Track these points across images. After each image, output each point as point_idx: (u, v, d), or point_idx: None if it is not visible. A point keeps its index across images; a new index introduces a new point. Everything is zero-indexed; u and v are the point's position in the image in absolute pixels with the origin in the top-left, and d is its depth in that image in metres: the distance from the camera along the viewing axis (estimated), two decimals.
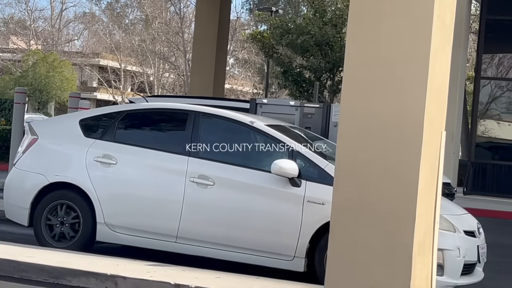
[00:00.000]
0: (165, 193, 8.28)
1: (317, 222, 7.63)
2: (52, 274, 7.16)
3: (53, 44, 59.05)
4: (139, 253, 8.42)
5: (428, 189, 6.36)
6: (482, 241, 8.18)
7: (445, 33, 6.48)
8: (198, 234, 8.10)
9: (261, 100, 12.10)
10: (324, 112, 11.49)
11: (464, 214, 8.40)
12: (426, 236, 6.40)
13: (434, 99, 6.33)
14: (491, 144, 23.24)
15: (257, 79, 54.48)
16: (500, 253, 10.97)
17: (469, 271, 7.91)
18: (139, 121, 8.97)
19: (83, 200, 8.49)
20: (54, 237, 8.58)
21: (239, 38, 50.56)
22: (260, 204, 7.92)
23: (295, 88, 29.65)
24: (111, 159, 8.51)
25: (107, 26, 61.13)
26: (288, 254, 7.78)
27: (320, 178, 7.77)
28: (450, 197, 12.52)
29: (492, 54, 22.97)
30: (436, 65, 6.30)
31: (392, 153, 6.21)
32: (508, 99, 22.80)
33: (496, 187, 21.31)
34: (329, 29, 27.45)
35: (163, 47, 54.09)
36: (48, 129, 9.19)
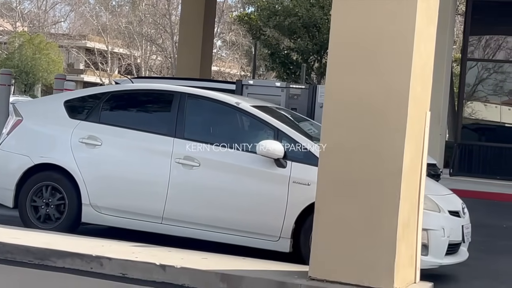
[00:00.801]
0: (150, 174, 8.27)
1: (303, 203, 7.64)
2: (37, 255, 7.15)
3: (39, 26, 58.75)
4: (125, 235, 8.42)
5: (412, 169, 6.37)
6: (467, 221, 8.21)
7: (430, 13, 6.48)
8: (184, 215, 8.10)
9: (247, 82, 12.08)
10: (310, 93, 11.49)
11: (449, 194, 8.43)
12: (410, 216, 6.42)
13: (418, 79, 6.33)
14: (478, 125, 23.30)
15: (244, 61, 54.35)
16: (485, 233, 11.03)
17: (453, 251, 7.95)
18: (125, 102, 8.94)
19: (68, 182, 8.48)
20: (39, 219, 8.56)
21: (226, 20, 50.42)
22: (246, 185, 7.92)
23: (282, 70, 29.63)
24: (96, 140, 8.49)
25: (94, 8, 60.84)
26: (273, 235, 7.80)
27: (306, 159, 7.77)
28: (435, 178, 12.55)
29: (479, 35, 22.97)
30: (420, 45, 6.30)
31: (377, 133, 6.22)
32: (494, 80, 22.84)
33: (482, 168, 21.39)
34: (316, 11, 27.42)
35: (150, 29, 53.89)
36: (33, 110, 9.16)
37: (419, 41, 6.25)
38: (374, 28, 6.26)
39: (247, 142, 8.08)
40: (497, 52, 22.93)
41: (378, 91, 6.21)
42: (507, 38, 22.84)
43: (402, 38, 6.19)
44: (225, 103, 8.37)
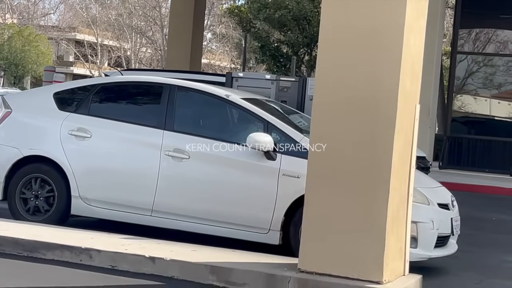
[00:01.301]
0: (140, 167, 8.26)
1: (292, 195, 7.64)
2: (26, 247, 7.15)
3: (28, 18, 58.50)
4: (114, 227, 8.41)
5: (402, 161, 6.39)
6: (456, 214, 8.24)
7: (420, 6, 6.49)
8: (173, 208, 8.10)
9: (237, 74, 12.07)
10: (300, 86, 11.48)
11: (438, 187, 8.45)
12: (400, 209, 6.44)
13: (408, 72, 6.35)
14: (467, 119, 23.38)
15: (234, 54, 54.31)
16: (474, 226, 11.07)
17: (442, 244, 7.97)
18: (114, 94, 8.92)
19: (58, 174, 8.46)
20: (29, 211, 8.54)
21: (216, 12, 50.31)
22: (236, 177, 7.92)
23: (272, 63, 29.60)
24: (86, 132, 8.47)
25: (84, 0, 60.57)
26: (263, 227, 7.80)
27: (295, 152, 7.77)
28: (425, 170, 12.60)
29: (469, 29, 23.03)
30: (410, 38, 6.31)
31: (367, 126, 6.23)
32: (484, 74, 22.90)
33: (472, 161, 21.47)
34: (306, 4, 27.39)
35: (140, 21, 53.75)
36: (22, 102, 9.13)
37: (408, 34, 6.26)
38: (364, 22, 6.26)
39: (237, 135, 8.09)
40: (487, 45, 22.99)
41: (368, 84, 6.22)
42: (497, 32, 22.91)
43: (391, 31, 6.20)
44: (215, 95, 8.36)
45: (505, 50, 22.66)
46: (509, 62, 22.51)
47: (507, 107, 23.22)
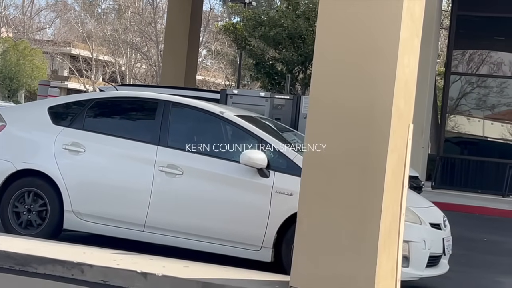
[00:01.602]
0: (133, 182, 8.27)
1: (285, 213, 7.66)
2: (18, 261, 7.13)
3: (24, 32, 58.55)
4: (107, 242, 8.40)
5: (395, 181, 6.41)
6: (448, 234, 8.26)
7: (414, 26, 6.52)
8: (166, 224, 8.10)
9: (232, 91, 12.11)
10: (294, 103, 11.53)
11: (430, 206, 8.48)
12: (392, 227, 6.45)
13: (402, 92, 6.37)
14: (460, 139, 23.44)
15: (229, 71, 54.41)
16: (465, 246, 11.09)
17: (434, 263, 7.99)
18: (109, 109, 8.93)
19: (51, 188, 8.46)
20: (21, 225, 8.54)
21: (212, 29, 50.44)
22: (229, 194, 7.93)
23: (267, 80, 29.63)
24: (80, 147, 8.48)
25: (79, 15, 60.66)
26: (255, 244, 7.81)
27: (289, 169, 7.79)
28: (417, 190, 12.62)
29: (463, 50, 23.14)
30: (404, 58, 6.34)
31: (360, 145, 6.25)
32: (478, 95, 22.98)
33: (464, 182, 21.51)
34: (302, 22, 27.47)
35: (135, 37, 53.83)
36: (16, 116, 9.14)
37: (403, 54, 6.29)
38: (358, 41, 6.29)
39: (230, 151, 8.10)
40: (480, 66, 23.09)
41: (362, 103, 6.24)
42: (490, 53, 23.02)
43: (386, 51, 6.23)
44: (209, 112, 8.40)
45: (498, 72, 22.76)
46: (503, 83, 22.61)
47: (500, 128, 23.29)
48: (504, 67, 22.72)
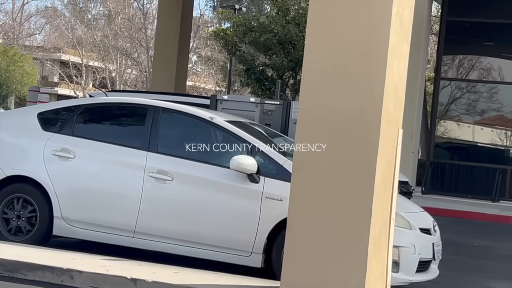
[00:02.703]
0: (123, 188, 8.25)
1: (275, 218, 7.65)
2: (7, 267, 7.11)
3: (14, 38, 58.41)
4: (96, 248, 8.38)
5: (384, 186, 6.42)
6: (438, 239, 8.27)
7: (403, 31, 6.54)
8: (156, 229, 8.08)
9: (222, 97, 12.11)
10: (284, 109, 11.54)
11: (420, 212, 8.49)
12: (382, 233, 6.45)
13: (391, 97, 6.39)
14: (450, 144, 23.50)
15: (219, 77, 54.42)
16: (455, 251, 11.10)
17: (424, 268, 7.99)
18: (98, 115, 8.92)
19: (40, 194, 8.43)
20: (11, 231, 8.50)
21: (202, 35, 50.45)
22: (219, 199, 7.92)
23: (257, 86, 29.65)
24: (69, 153, 8.46)
25: (69, 21, 60.55)
26: (245, 250, 7.80)
27: (279, 175, 7.79)
28: (407, 195, 12.65)
29: (452, 55, 23.21)
30: (393, 63, 6.36)
31: (350, 150, 6.26)
32: (467, 100, 23.05)
33: (454, 187, 21.56)
34: (292, 28, 27.51)
35: (125, 43, 53.78)
36: (6, 122, 9.10)
37: (392, 59, 6.31)
38: (348, 46, 6.31)
39: (220, 157, 8.10)
40: (470, 72, 23.16)
41: (351, 108, 6.26)
42: (480, 58, 23.10)
43: (375, 56, 6.24)
44: (199, 117, 8.39)
45: (488, 77, 22.83)
46: (492, 89, 22.68)
47: (489, 133, 23.36)
48: (494, 72, 22.80)
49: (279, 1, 29.01)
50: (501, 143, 23.01)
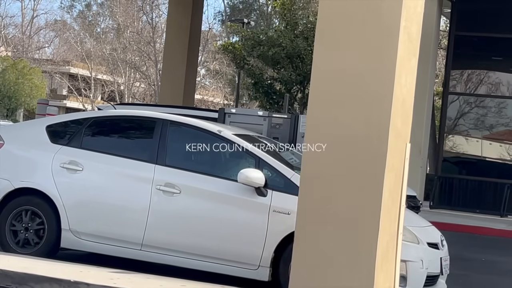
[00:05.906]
0: (131, 201, 8.26)
1: (283, 232, 7.65)
2: (15, 279, 7.11)
3: (23, 51, 58.65)
4: (104, 261, 8.38)
5: (392, 200, 6.41)
6: (445, 253, 8.25)
7: (411, 46, 6.55)
8: (163, 242, 8.09)
9: (230, 110, 12.14)
10: (292, 122, 11.55)
11: (428, 226, 8.47)
12: (389, 247, 6.44)
13: (399, 111, 6.39)
14: (458, 159, 23.44)
15: (228, 90, 54.49)
16: (463, 267, 11.06)
17: (431, 283, 7.97)
18: (107, 128, 8.94)
19: (48, 206, 8.44)
20: (18, 243, 8.52)
21: (210, 49, 50.56)
22: (226, 213, 7.93)
23: (265, 99, 29.67)
24: (78, 165, 8.48)
25: (79, 34, 60.79)
26: (253, 263, 7.79)
27: (286, 188, 7.79)
28: (415, 210, 12.62)
29: (461, 70, 23.20)
30: (402, 77, 6.36)
31: (357, 164, 6.26)
32: (476, 115, 23.01)
33: (462, 202, 21.50)
34: (300, 42, 27.55)
35: (134, 56, 53.93)
36: (15, 135, 9.14)
37: (400, 74, 6.31)
38: (355, 61, 6.32)
39: (228, 170, 8.11)
40: (478, 86, 23.14)
41: (359, 122, 6.26)
42: (488, 73, 23.08)
43: (383, 70, 6.25)
44: (207, 131, 8.40)
45: (496, 92, 22.81)
46: (501, 103, 22.65)
47: (498, 148, 23.31)
48: (502, 87, 22.77)
49: (287, 16, 29.07)
50: (509, 158, 22.96)
